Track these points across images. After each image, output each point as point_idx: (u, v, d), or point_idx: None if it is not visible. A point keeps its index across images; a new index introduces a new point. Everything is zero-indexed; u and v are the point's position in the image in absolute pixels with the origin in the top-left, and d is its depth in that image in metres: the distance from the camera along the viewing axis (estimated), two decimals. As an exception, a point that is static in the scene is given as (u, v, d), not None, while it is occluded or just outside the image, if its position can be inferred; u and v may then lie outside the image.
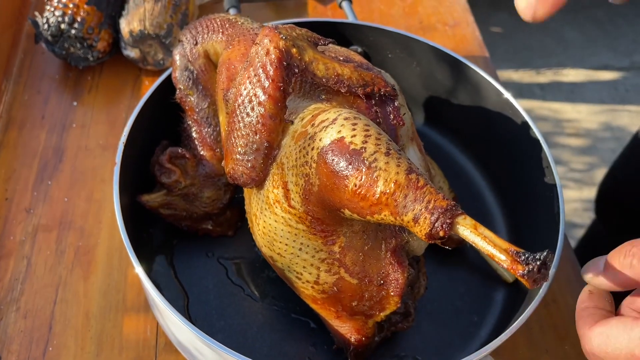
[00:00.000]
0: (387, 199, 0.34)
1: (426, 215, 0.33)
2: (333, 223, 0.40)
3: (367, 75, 0.44)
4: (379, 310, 0.45)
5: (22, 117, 0.67)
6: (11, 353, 0.51)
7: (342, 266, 0.42)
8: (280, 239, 0.43)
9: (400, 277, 0.43)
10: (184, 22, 0.71)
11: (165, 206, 0.54)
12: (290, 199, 0.40)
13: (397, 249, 0.43)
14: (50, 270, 0.56)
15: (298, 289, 0.46)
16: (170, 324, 0.48)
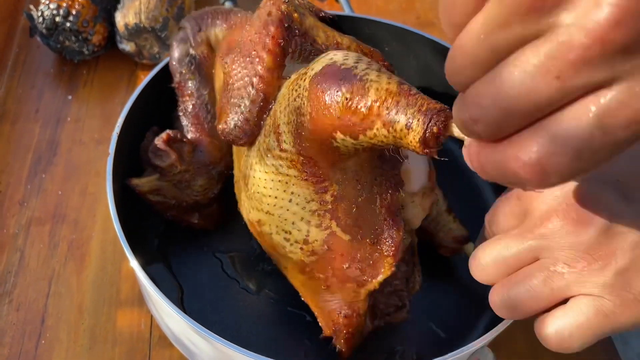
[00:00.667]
0: (379, 107, 0.32)
1: (419, 118, 0.30)
2: (325, 164, 0.38)
3: (366, 47, 0.44)
4: (372, 276, 0.41)
5: (16, 110, 0.67)
6: (3, 346, 0.50)
7: (334, 219, 0.40)
8: (270, 192, 0.40)
9: (395, 235, 0.40)
10: (180, 15, 0.70)
11: (155, 192, 0.52)
12: (282, 142, 0.39)
13: (393, 206, 0.40)
14: (43, 263, 0.55)
15: (286, 260, 0.44)
16: (165, 316, 0.47)
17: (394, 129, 0.31)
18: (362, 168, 0.39)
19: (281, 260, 0.45)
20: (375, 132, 0.32)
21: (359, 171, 0.39)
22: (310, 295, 0.46)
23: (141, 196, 0.52)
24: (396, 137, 0.32)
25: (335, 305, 0.44)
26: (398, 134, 0.31)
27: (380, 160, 0.40)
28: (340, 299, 0.44)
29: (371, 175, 0.39)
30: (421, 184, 0.44)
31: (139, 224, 0.57)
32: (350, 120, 0.33)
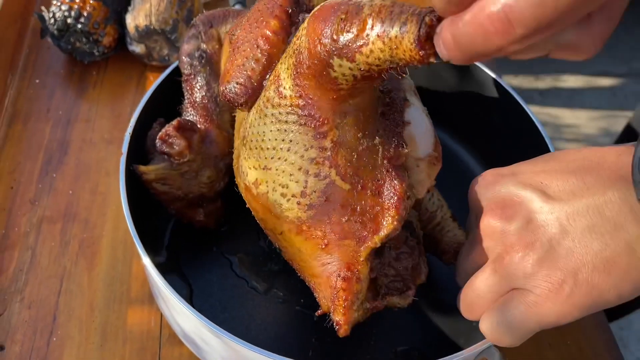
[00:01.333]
0: (373, 19, 0.32)
1: (412, 19, 0.30)
2: (324, 104, 0.37)
3: None
4: (373, 231, 0.40)
5: (27, 110, 0.67)
6: (15, 343, 0.51)
7: (334, 166, 0.39)
8: (268, 143, 0.40)
9: (398, 186, 0.39)
10: (189, 18, 0.71)
11: (162, 181, 0.52)
12: (281, 88, 0.39)
13: (395, 158, 0.40)
14: (54, 261, 0.56)
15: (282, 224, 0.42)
16: (175, 314, 0.48)
17: (389, 38, 0.31)
18: (364, 114, 0.39)
19: (277, 227, 0.43)
20: (371, 48, 0.32)
21: (360, 117, 0.38)
22: (308, 262, 0.43)
23: (147, 186, 0.52)
24: (392, 49, 0.31)
25: (333, 267, 0.42)
26: (393, 42, 0.31)
27: (383, 118, 0.41)
28: (338, 260, 0.41)
29: (373, 125, 0.39)
30: (427, 151, 0.44)
31: (149, 223, 0.58)
32: (346, 39, 0.33)
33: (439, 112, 0.67)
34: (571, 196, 0.34)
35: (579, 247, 0.33)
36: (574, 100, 1.88)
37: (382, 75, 0.35)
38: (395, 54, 0.31)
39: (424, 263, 0.50)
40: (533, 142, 0.57)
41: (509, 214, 0.35)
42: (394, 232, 0.40)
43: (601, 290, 0.33)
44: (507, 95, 0.59)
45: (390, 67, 0.33)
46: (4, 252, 0.56)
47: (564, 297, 0.33)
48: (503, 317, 0.35)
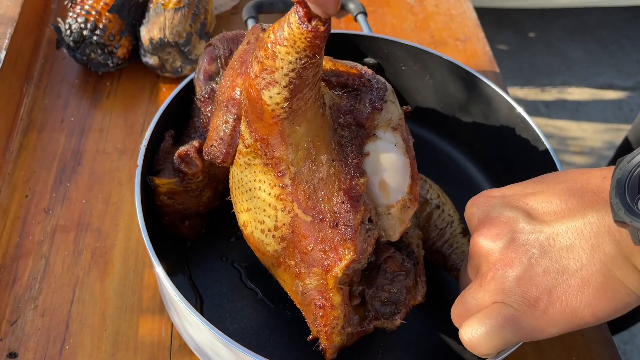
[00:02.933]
0: (272, 38, 0.38)
1: (289, 14, 0.36)
2: (276, 140, 0.41)
3: (342, 66, 0.47)
4: (335, 260, 0.43)
5: (42, 120, 0.68)
6: (28, 350, 0.52)
7: (295, 200, 0.42)
8: (244, 186, 0.45)
9: (352, 219, 0.42)
10: (203, 31, 0.72)
11: (169, 194, 0.54)
12: (244, 139, 0.44)
13: (351, 190, 0.42)
14: (67, 270, 0.57)
15: (268, 258, 0.46)
16: (187, 324, 0.49)
17: (285, 38, 0.37)
18: (314, 144, 0.42)
19: (265, 262, 0.47)
20: (280, 57, 0.38)
21: (311, 148, 0.42)
22: (292, 292, 0.47)
23: (155, 196, 0.54)
24: (292, 46, 0.37)
25: (311, 296, 0.45)
26: (288, 38, 0.37)
27: (339, 147, 0.43)
28: (313, 289, 0.45)
29: (326, 155, 0.42)
30: (399, 195, 0.45)
31: (160, 234, 0.59)
32: (263, 68, 0.39)
33: (447, 127, 0.68)
34: (553, 217, 0.36)
35: (556, 266, 0.35)
36: (579, 113, 1.89)
37: (310, 88, 0.40)
38: (298, 46, 0.37)
39: (422, 283, 0.50)
40: (539, 157, 0.58)
41: (494, 233, 0.38)
42: (353, 264, 0.43)
43: (575, 309, 0.35)
44: (514, 110, 0.60)
45: (306, 65, 0.38)
46: (18, 260, 0.57)
47: (539, 312, 0.35)
48: (481, 327, 0.37)
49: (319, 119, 0.42)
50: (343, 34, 0.67)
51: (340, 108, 0.45)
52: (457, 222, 0.52)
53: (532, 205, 0.37)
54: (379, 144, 0.46)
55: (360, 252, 0.43)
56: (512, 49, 2.05)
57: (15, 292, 0.55)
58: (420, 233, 0.51)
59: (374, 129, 0.46)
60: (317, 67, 0.39)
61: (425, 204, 0.52)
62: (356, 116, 0.45)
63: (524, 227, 0.37)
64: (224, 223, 0.59)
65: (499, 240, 0.37)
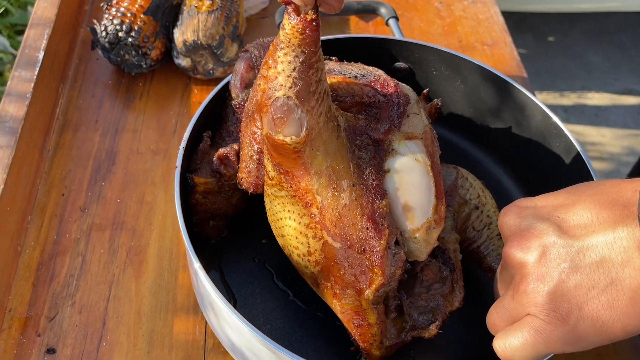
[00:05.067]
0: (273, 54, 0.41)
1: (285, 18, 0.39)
2: (299, 171, 0.43)
3: (356, 84, 0.48)
4: (366, 283, 0.44)
5: (77, 120, 0.70)
6: (66, 347, 0.53)
7: (324, 228, 0.44)
8: (277, 214, 0.46)
9: (377, 245, 0.43)
10: (235, 33, 0.73)
11: (205, 194, 0.55)
12: (268, 172, 0.45)
13: (374, 214, 0.43)
14: (103, 268, 0.58)
15: (308, 278, 0.48)
16: (224, 323, 0.50)
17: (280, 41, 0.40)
18: (334, 171, 0.43)
19: (306, 279, 0.49)
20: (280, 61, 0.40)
21: (332, 175, 0.43)
22: (334, 309, 0.49)
23: (192, 194, 0.55)
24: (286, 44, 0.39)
25: (348, 315, 0.47)
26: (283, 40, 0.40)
27: (358, 169, 0.44)
28: (349, 309, 0.47)
29: (347, 180, 0.43)
30: (424, 218, 0.46)
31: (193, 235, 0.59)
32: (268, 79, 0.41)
33: (477, 133, 0.68)
34: (584, 231, 0.36)
35: (587, 281, 0.36)
36: (599, 118, 1.87)
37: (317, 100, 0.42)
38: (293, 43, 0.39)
39: (459, 289, 0.51)
40: (573, 165, 0.58)
41: (526, 245, 0.38)
42: (383, 286, 0.44)
43: (604, 323, 0.36)
44: (547, 117, 0.60)
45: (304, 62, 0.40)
46: (56, 257, 0.58)
47: (570, 327, 0.36)
48: (514, 340, 0.38)
49: (334, 141, 0.44)
50: (374, 38, 0.67)
51: (357, 129, 0.46)
52: (495, 223, 0.53)
53: (563, 218, 0.38)
54: (398, 160, 0.46)
55: (389, 277, 0.44)
56: (530, 53, 2.04)
57: (53, 288, 0.56)
58: (457, 236, 0.51)
59: (391, 144, 0.46)
60: (318, 69, 0.41)
61: (464, 205, 0.53)
62: (372, 135, 0.46)
63: (555, 240, 0.37)
64: (255, 225, 0.60)
65: (530, 253, 0.38)
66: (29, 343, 0.53)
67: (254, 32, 0.81)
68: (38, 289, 0.56)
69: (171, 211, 0.63)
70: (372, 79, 0.49)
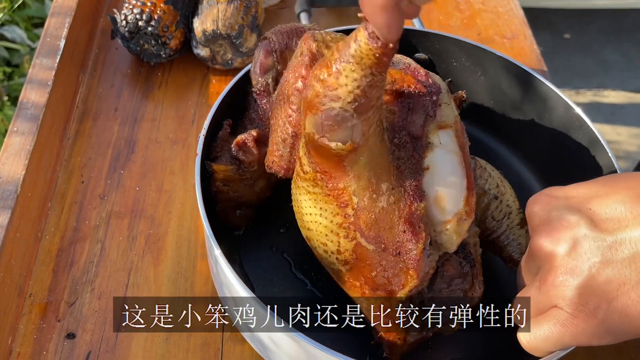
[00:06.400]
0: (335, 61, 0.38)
1: (360, 30, 0.36)
2: (337, 172, 0.41)
3: (396, 72, 0.46)
4: (399, 286, 0.44)
5: (97, 108, 0.70)
6: (86, 332, 0.53)
7: (358, 230, 0.43)
8: (305, 209, 0.45)
9: (414, 248, 0.42)
10: (254, 24, 0.73)
11: (225, 181, 0.54)
12: (303, 165, 0.43)
13: (411, 217, 0.42)
14: (122, 255, 0.58)
15: (333, 272, 0.48)
16: (243, 311, 0.49)
17: (351, 55, 0.37)
18: (375, 173, 0.42)
19: (332, 273, 0.49)
20: (345, 75, 0.37)
21: (372, 178, 0.42)
22: (360, 305, 0.48)
23: (212, 183, 0.54)
24: (357, 60, 0.36)
25: (376, 313, 0.47)
26: (355, 55, 0.36)
27: (397, 171, 0.43)
28: (377, 307, 0.46)
29: (386, 184, 0.42)
30: (456, 209, 0.45)
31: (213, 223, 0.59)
32: (325, 86, 0.38)
33: (498, 125, 0.68)
34: (616, 225, 0.36)
35: (618, 277, 0.35)
36: (615, 116, 1.85)
37: (374, 111, 0.39)
38: (364, 63, 0.36)
39: (479, 284, 0.50)
40: (596, 159, 0.57)
41: (556, 237, 0.37)
42: (416, 287, 0.44)
43: (633, 319, 0.35)
44: (570, 110, 0.59)
45: (371, 83, 0.37)
46: (76, 243, 0.58)
47: (598, 321, 0.36)
48: (540, 331, 0.38)
49: (378, 145, 0.42)
50: (395, 29, 0.66)
51: (395, 126, 0.45)
52: (515, 212, 0.52)
53: (595, 211, 0.37)
54: (436, 153, 0.45)
55: (422, 278, 0.44)
56: (547, 50, 2.02)
57: (73, 274, 0.56)
58: (477, 229, 0.50)
59: (428, 137, 0.45)
60: (381, 87, 0.39)
61: (483, 195, 0.52)
62: (410, 130, 0.45)
63: (587, 233, 0.36)
64: (274, 213, 0.60)
65: (560, 245, 0.37)
66: (49, 328, 0.53)
67: (273, 22, 0.81)
68: (58, 275, 0.56)
69: (190, 200, 0.63)
70: (402, 67, 0.48)
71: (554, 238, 0.37)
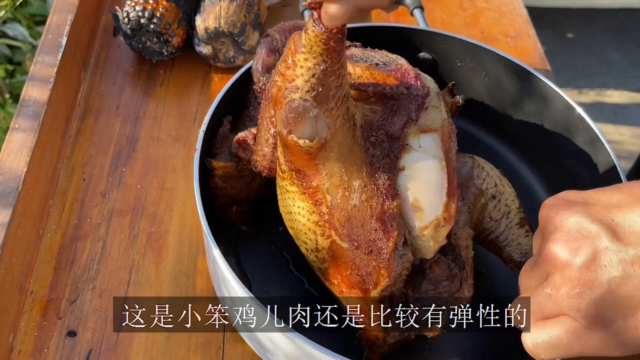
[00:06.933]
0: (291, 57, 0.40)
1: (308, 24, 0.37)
2: (310, 170, 0.42)
3: (379, 74, 0.46)
4: (372, 284, 0.44)
5: (99, 106, 0.70)
6: (87, 330, 0.53)
7: (332, 228, 0.43)
8: (286, 208, 0.46)
9: (385, 247, 0.43)
10: (256, 22, 0.73)
11: (224, 177, 0.54)
12: (281, 165, 0.45)
13: (383, 215, 0.43)
14: (124, 253, 0.58)
15: (313, 266, 0.48)
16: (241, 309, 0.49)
17: (302, 45, 0.38)
18: (347, 171, 0.42)
19: (316, 271, 0.49)
20: (299, 65, 0.39)
21: (344, 176, 0.42)
22: (340, 303, 0.49)
23: (210, 179, 0.54)
24: (307, 49, 0.38)
25: (354, 312, 0.47)
26: (305, 44, 0.38)
27: (371, 168, 0.43)
28: (354, 305, 0.46)
29: (358, 181, 0.43)
30: (434, 215, 0.45)
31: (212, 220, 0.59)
32: (285, 78, 0.40)
33: (500, 126, 0.68)
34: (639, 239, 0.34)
35: (637, 295, 0.34)
36: (617, 116, 1.85)
37: (336, 103, 0.40)
38: (314, 51, 0.38)
39: (468, 288, 0.49)
40: (598, 160, 0.57)
41: (574, 247, 0.36)
42: (388, 287, 0.44)
43: None
44: (572, 110, 0.59)
45: (325, 71, 0.38)
46: (77, 241, 0.58)
47: (611, 334, 0.35)
48: (548, 337, 0.37)
49: (349, 141, 0.43)
50: (398, 27, 0.66)
51: (372, 124, 0.45)
52: (514, 212, 0.51)
53: (617, 222, 0.35)
54: (413, 155, 0.45)
55: (395, 278, 0.44)
56: (550, 50, 2.02)
57: (74, 272, 0.56)
58: (471, 232, 0.50)
59: (407, 139, 0.45)
60: (339, 76, 0.39)
61: (480, 195, 0.52)
62: (388, 130, 0.45)
63: (608, 246, 0.35)
64: (273, 211, 0.60)
65: (578, 256, 0.35)
66: (50, 325, 0.53)
67: (275, 20, 0.80)
68: (59, 273, 0.56)
69: (191, 198, 0.63)
70: (393, 68, 0.48)
71: (572, 247, 0.36)
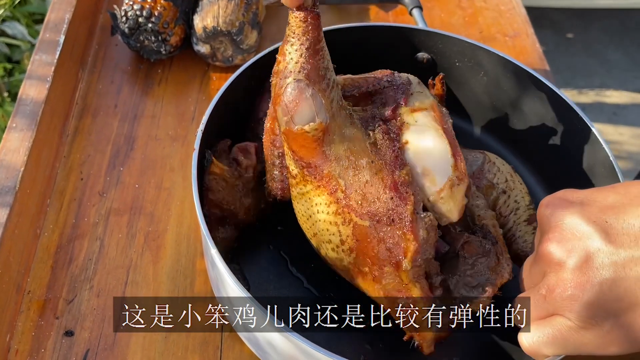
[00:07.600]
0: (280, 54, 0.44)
1: None
2: (319, 159, 0.44)
3: (360, 78, 0.51)
4: (402, 254, 0.44)
5: (96, 105, 0.70)
6: (84, 329, 0.53)
7: (351, 210, 0.44)
8: (305, 214, 0.47)
9: (404, 211, 0.43)
10: (254, 21, 0.73)
11: (219, 178, 0.53)
12: (291, 172, 0.47)
13: (395, 183, 0.44)
14: (121, 252, 0.58)
15: (348, 273, 0.48)
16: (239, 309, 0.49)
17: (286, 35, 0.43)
18: (352, 152, 0.45)
19: (347, 277, 0.49)
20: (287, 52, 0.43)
21: (350, 157, 0.45)
22: (378, 299, 0.48)
23: (207, 174, 0.53)
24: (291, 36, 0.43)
25: (392, 298, 0.46)
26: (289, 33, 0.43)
27: (375, 147, 0.46)
28: (392, 289, 0.46)
29: (365, 159, 0.45)
30: (446, 177, 0.46)
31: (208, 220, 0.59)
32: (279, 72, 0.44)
33: (499, 126, 0.67)
34: (633, 242, 0.35)
35: (630, 297, 0.34)
36: (617, 117, 1.85)
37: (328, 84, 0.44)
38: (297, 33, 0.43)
39: (506, 261, 0.49)
40: (596, 161, 0.57)
41: (567, 247, 0.36)
42: (419, 254, 0.44)
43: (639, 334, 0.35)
44: (571, 111, 0.59)
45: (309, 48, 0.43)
46: (74, 241, 0.58)
47: (604, 333, 0.36)
48: (543, 336, 0.38)
49: (348, 125, 0.45)
50: (397, 27, 0.66)
51: (367, 119, 0.48)
52: (523, 208, 0.51)
53: (610, 224, 0.36)
54: (412, 129, 0.47)
55: (422, 240, 0.44)
56: (550, 50, 2.02)
57: (72, 272, 0.56)
58: (493, 213, 0.50)
59: (402, 118, 0.48)
60: (323, 56, 0.43)
61: (492, 188, 0.52)
62: (382, 116, 0.48)
63: (600, 248, 0.35)
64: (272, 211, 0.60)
65: (570, 256, 0.36)
66: (47, 325, 0.53)
67: (273, 20, 0.80)
68: (56, 272, 0.56)
69: (189, 197, 0.62)
70: (370, 73, 0.52)
71: (565, 247, 0.36)
